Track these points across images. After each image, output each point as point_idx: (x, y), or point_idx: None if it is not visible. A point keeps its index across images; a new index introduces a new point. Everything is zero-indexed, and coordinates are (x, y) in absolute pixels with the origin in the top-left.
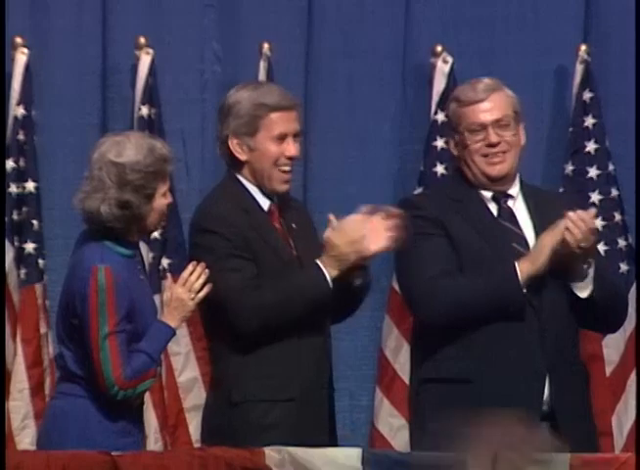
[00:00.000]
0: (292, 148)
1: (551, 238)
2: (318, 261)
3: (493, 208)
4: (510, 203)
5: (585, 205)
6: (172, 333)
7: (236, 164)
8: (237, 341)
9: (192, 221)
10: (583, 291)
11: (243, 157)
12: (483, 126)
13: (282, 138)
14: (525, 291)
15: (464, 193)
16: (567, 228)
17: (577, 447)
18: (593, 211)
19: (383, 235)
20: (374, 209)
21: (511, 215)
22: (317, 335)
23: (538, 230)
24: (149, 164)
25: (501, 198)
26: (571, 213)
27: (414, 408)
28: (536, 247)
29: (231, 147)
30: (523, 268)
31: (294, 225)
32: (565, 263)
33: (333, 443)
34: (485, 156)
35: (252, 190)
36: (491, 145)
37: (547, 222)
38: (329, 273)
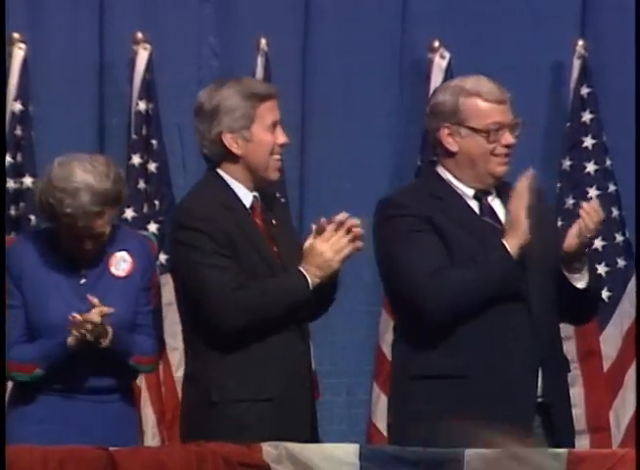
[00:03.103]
0: (282, 136)
1: (518, 203)
2: (301, 269)
3: (474, 205)
4: (489, 199)
5: (582, 199)
6: (63, 344)
7: (223, 161)
8: (216, 339)
9: (173, 218)
10: (580, 282)
11: (238, 151)
12: (502, 126)
13: (273, 127)
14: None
15: (443, 190)
16: (581, 219)
17: (566, 439)
18: (597, 201)
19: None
20: (327, 222)
21: (492, 212)
22: (296, 335)
23: None
24: (53, 194)
25: (482, 195)
26: (585, 205)
27: (400, 406)
28: (509, 219)
29: (226, 143)
30: (510, 244)
31: (274, 221)
32: (568, 255)
33: (314, 439)
34: (497, 156)
35: (235, 186)
36: (507, 146)
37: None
38: (312, 280)
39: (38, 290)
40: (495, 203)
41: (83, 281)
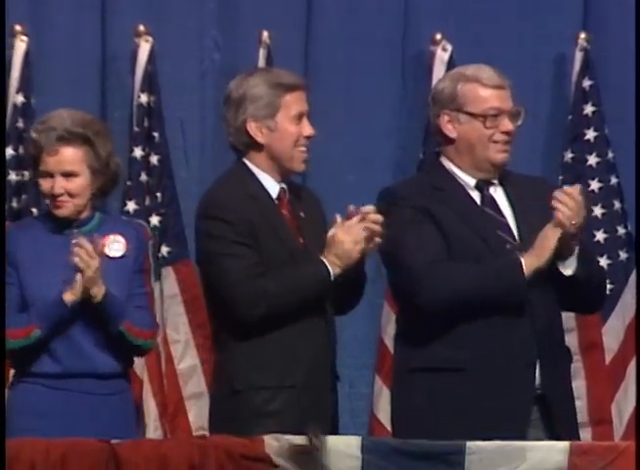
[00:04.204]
0: (308, 127)
1: (554, 231)
2: (323, 258)
3: (475, 195)
4: (492, 190)
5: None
6: (63, 305)
7: (249, 151)
8: (237, 328)
9: (198, 208)
10: (568, 268)
11: (262, 140)
12: (502, 112)
13: (299, 118)
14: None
15: (444, 181)
16: (556, 208)
17: (566, 431)
18: (578, 186)
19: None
20: (355, 211)
21: (493, 203)
22: (319, 322)
23: (518, 217)
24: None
25: (484, 186)
26: (556, 192)
27: (401, 398)
28: (541, 241)
29: (250, 131)
30: (528, 263)
31: (302, 214)
32: (558, 243)
33: (334, 430)
34: (496, 142)
35: (262, 176)
36: (507, 132)
37: (526, 208)
38: (333, 270)
39: (33, 267)
40: (498, 193)
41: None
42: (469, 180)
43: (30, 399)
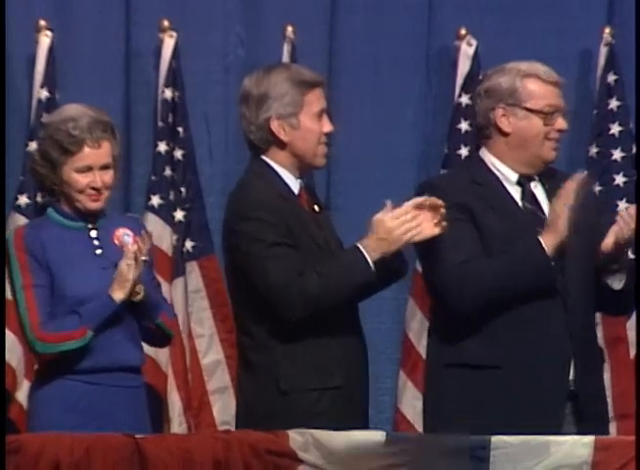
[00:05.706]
0: (328, 124)
1: (562, 203)
2: (359, 245)
3: (515, 191)
4: (532, 185)
5: (609, 186)
6: (113, 305)
7: (269, 148)
8: (283, 329)
9: (231, 208)
10: (618, 283)
11: (285, 138)
12: (557, 110)
13: (320, 115)
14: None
15: (484, 176)
16: (617, 225)
17: (595, 428)
18: (634, 207)
19: (427, 225)
20: (420, 201)
21: (533, 199)
22: (354, 320)
23: None
24: (54, 129)
25: (525, 182)
26: (622, 212)
27: (433, 393)
28: (551, 216)
29: (274, 129)
30: (546, 241)
31: (316, 207)
32: (605, 255)
33: (365, 427)
34: (549, 140)
35: (283, 174)
36: (560, 131)
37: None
38: (371, 256)
39: (64, 266)
40: (537, 189)
41: (99, 252)
42: (511, 175)
43: (71, 395)
